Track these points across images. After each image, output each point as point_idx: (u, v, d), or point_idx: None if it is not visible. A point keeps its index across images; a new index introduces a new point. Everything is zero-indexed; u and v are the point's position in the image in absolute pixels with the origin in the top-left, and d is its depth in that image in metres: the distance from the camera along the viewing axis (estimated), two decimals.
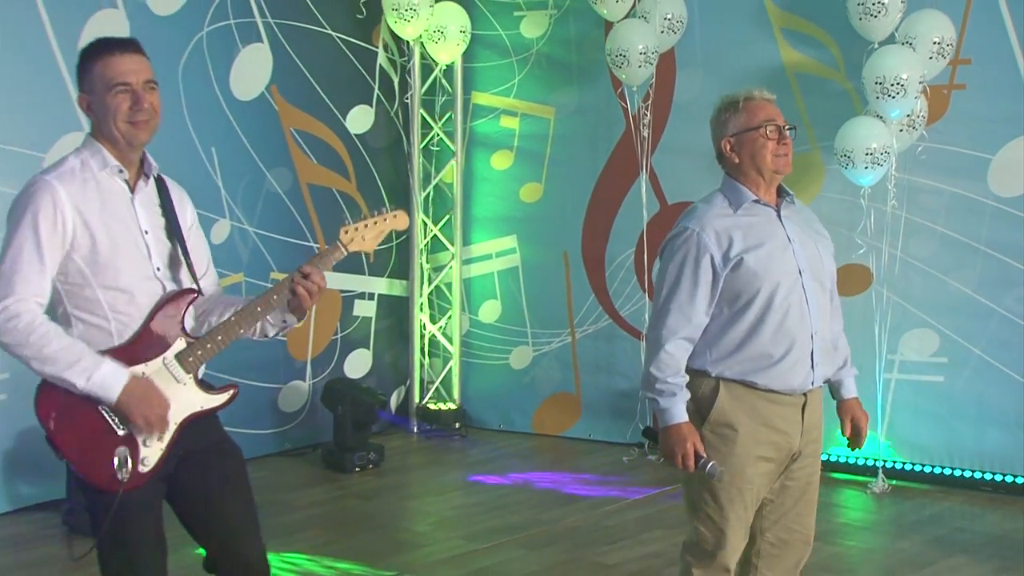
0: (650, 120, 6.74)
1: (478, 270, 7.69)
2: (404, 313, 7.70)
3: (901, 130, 5.91)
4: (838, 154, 5.89)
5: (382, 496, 6.13)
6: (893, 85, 5.70)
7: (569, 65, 7.29)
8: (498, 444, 7.29)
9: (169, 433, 2.98)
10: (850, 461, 6.25)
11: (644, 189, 6.80)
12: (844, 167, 5.91)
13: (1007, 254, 5.97)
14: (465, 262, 7.69)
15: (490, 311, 7.66)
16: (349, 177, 7.28)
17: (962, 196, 6.07)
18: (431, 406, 7.64)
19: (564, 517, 5.71)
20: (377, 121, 7.44)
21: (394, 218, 3.23)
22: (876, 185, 6.00)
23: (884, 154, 5.81)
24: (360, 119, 7.34)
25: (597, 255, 7.22)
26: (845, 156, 5.86)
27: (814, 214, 3.57)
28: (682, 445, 3.24)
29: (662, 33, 6.51)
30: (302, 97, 6.96)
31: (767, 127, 3.28)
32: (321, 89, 7.06)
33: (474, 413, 7.68)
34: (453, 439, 7.44)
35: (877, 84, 5.74)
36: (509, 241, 7.59)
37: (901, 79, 5.68)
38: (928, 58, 5.80)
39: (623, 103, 6.86)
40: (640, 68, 6.47)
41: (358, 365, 7.42)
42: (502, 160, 7.58)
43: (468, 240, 7.70)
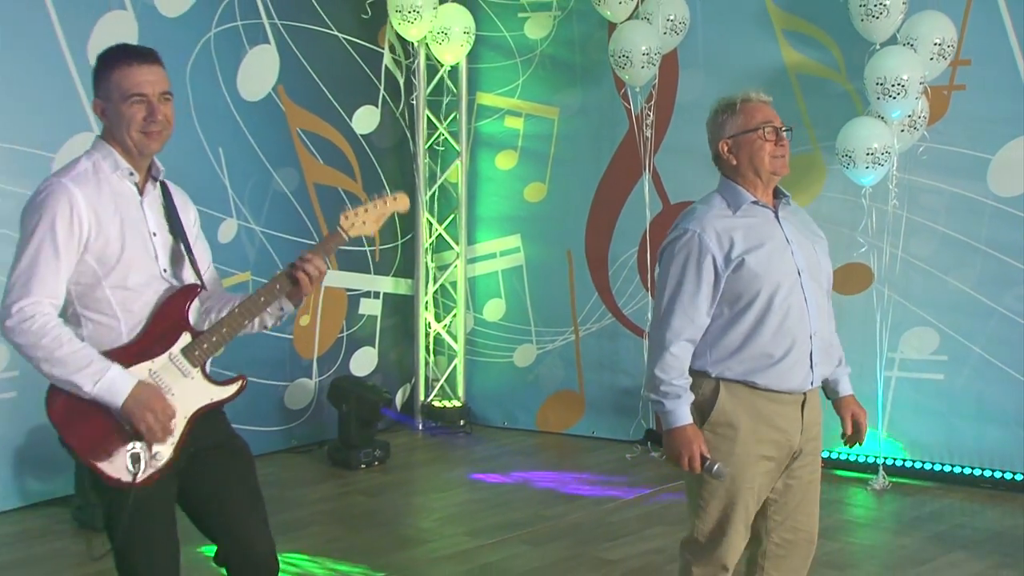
0: (653, 120, 6.76)
1: (482, 269, 7.72)
2: (409, 311, 7.73)
3: (902, 130, 5.93)
4: (839, 154, 5.92)
5: (387, 492, 6.16)
6: (894, 86, 5.72)
7: (573, 66, 7.31)
8: (502, 441, 7.32)
9: (180, 428, 3.01)
10: (851, 458, 6.26)
11: (647, 189, 6.83)
12: (845, 167, 5.94)
13: (1007, 253, 6.01)
14: (470, 261, 7.72)
15: (494, 309, 7.69)
16: (355, 177, 7.31)
17: (962, 196, 6.10)
18: (436, 404, 7.67)
19: (567, 513, 5.74)
20: (383, 121, 7.46)
21: (394, 200, 3.22)
22: (877, 185, 6.02)
23: (885, 154, 5.84)
24: (366, 119, 7.37)
25: (600, 254, 7.25)
26: (846, 156, 5.89)
27: (809, 215, 3.58)
28: (688, 447, 3.23)
29: (665, 34, 6.55)
30: (308, 98, 6.98)
31: (764, 129, 3.29)
32: (327, 90, 7.09)
33: (478, 410, 7.71)
34: (458, 436, 7.45)
35: (878, 85, 5.77)
36: (513, 240, 7.62)
37: (902, 80, 5.71)
38: (929, 59, 5.82)
39: (626, 104, 6.88)
40: (643, 69, 6.51)
41: (364, 363, 7.46)
42: (506, 160, 7.61)
43: (473, 239, 7.73)
